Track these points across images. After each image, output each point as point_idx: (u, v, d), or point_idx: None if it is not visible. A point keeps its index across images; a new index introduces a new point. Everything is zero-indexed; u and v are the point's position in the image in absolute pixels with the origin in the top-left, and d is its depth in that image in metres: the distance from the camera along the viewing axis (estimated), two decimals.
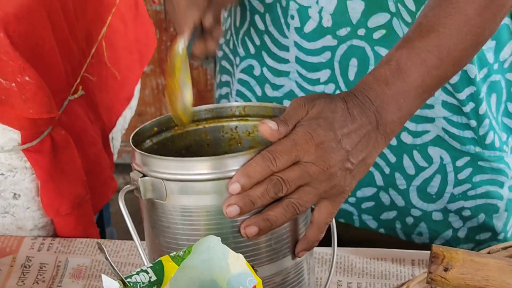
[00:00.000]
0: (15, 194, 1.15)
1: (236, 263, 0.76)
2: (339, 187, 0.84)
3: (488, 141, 1.13)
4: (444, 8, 0.90)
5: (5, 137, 1.10)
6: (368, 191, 1.17)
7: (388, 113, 0.86)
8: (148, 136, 0.94)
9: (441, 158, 1.13)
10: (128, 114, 1.58)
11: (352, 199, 1.17)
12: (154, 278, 0.76)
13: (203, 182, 0.82)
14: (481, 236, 1.18)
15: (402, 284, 0.93)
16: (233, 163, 0.82)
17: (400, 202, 1.16)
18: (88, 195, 1.20)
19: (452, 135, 1.12)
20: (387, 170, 1.15)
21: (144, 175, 0.85)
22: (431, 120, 1.11)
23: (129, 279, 0.75)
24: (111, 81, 1.42)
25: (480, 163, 1.13)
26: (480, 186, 1.15)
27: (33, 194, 1.15)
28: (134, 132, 0.91)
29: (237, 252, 0.76)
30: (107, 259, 0.73)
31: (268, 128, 0.82)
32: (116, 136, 1.53)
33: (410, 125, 1.12)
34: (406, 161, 1.13)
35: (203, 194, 0.83)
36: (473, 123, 1.11)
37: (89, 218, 1.20)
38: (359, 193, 1.17)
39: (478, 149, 1.12)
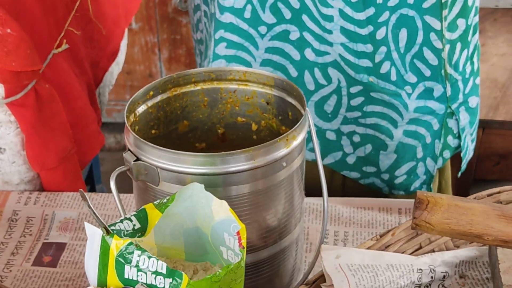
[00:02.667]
0: (0, 148, 1.14)
1: (220, 210, 0.76)
2: None
3: (383, 70, 1.12)
4: None
5: None
6: None
7: None
8: (144, 101, 0.93)
9: (338, 80, 1.14)
10: (115, 69, 1.56)
11: None
12: (138, 225, 0.76)
13: (197, 176, 0.82)
14: (367, 168, 1.21)
15: (388, 231, 0.93)
16: (229, 160, 0.82)
17: None
18: (74, 148, 1.19)
19: (348, 62, 1.12)
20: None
21: (138, 159, 0.85)
22: (330, 43, 1.11)
23: (112, 227, 0.75)
24: (96, 36, 1.40)
25: (372, 94, 1.14)
26: (370, 116, 1.16)
27: (19, 148, 1.15)
28: (129, 101, 0.90)
29: None
30: (89, 207, 0.73)
31: None
32: (103, 92, 1.52)
33: (314, 43, 1.12)
34: (307, 77, 1.15)
35: None
36: (370, 47, 1.11)
37: (76, 172, 1.20)
38: None
39: (371, 78, 1.12)
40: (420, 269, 0.89)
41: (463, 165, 1.30)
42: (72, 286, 1.00)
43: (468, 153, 1.28)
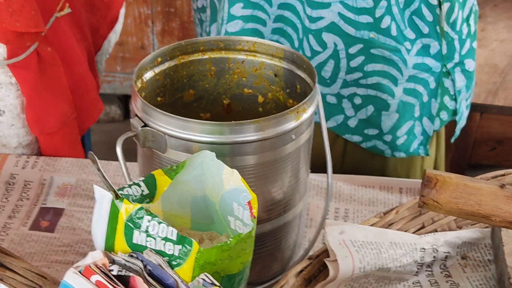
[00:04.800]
0: None
1: (230, 179, 0.75)
2: None
3: (383, 25, 1.12)
4: None
5: None
6: None
7: None
8: (151, 67, 0.92)
9: (334, 44, 1.13)
10: (112, 38, 1.54)
11: None
12: (146, 191, 0.75)
13: (205, 144, 0.81)
14: (369, 131, 1.21)
15: (392, 209, 0.93)
16: (238, 130, 0.81)
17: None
18: (74, 114, 1.18)
19: (348, 19, 1.11)
20: (296, 43, 1.15)
21: (146, 125, 0.83)
22: (326, 5, 1.11)
23: (120, 191, 0.73)
24: (98, 2, 1.38)
25: (372, 50, 1.14)
26: (371, 76, 1.16)
27: (18, 111, 1.13)
28: (137, 68, 0.88)
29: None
30: (99, 170, 0.71)
31: None
32: (101, 60, 1.50)
33: (307, 10, 1.12)
34: (305, 44, 1.14)
35: None
36: (370, 2, 1.10)
37: (75, 138, 1.18)
38: None
39: (372, 34, 1.12)
40: (423, 248, 0.89)
41: (457, 131, 1.31)
42: (69, 252, 0.99)
43: (462, 120, 1.30)
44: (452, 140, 1.35)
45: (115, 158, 0.99)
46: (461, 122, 1.30)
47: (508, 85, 1.79)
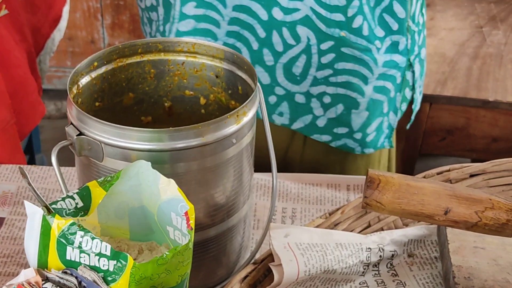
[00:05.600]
0: None
1: (167, 189, 0.74)
2: None
3: (355, 25, 1.11)
4: None
5: None
6: None
7: None
8: (87, 72, 0.89)
9: (308, 38, 1.12)
10: (57, 36, 1.51)
11: None
12: (80, 204, 0.73)
13: (143, 152, 0.78)
14: (338, 130, 1.20)
15: (337, 209, 0.92)
16: (177, 136, 0.79)
17: (265, 79, 1.15)
18: (13, 119, 1.15)
19: (319, 15, 1.10)
20: (255, 45, 1.13)
21: (81, 133, 0.81)
22: None
23: (54, 205, 0.71)
24: (38, 1, 1.35)
25: (343, 49, 1.13)
26: (341, 74, 1.15)
27: None
28: (72, 72, 0.86)
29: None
30: (30, 184, 0.69)
31: None
32: (44, 59, 1.47)
33: (282, 1, 1.10)
34: (275, 37, 1.12)
35: None
36: (342, 1, 1.09)
37: (15, 144, 1.15)
38: None
39: (343, 33, 1.11)
40: (369, 248, 0.88)
41: (412, 117, 1.32)
42: (10, 263, 0.96)
43: (417, 105, 1.31)
44: (408, 126, 1.36)
45: (68, 161, 0.97)
46: (416, 108, 1.32)
47: (457, 74, 1.79)
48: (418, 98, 1.30)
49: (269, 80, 1.15)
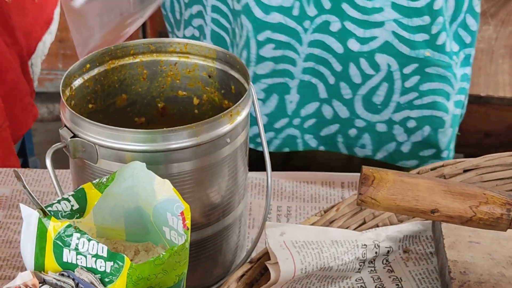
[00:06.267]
0: None
1: (163, 189, 0.74)
2: None
3: (439, 41, 1.11)
4: None
5: None
6: (310, 108, 1.14)
7: None
8: (80, 74, 0.89)
9: (388, 65, 1.11)
10: (48, 39, 1.51)
11: (296, 121, 1.15)
12: (76, 206, 0.73)
13: (137, 153, 0.78)
14: (425, 153, 1.18)
15: (332, 207, 0.92)
16: (171, 136, 0.79)
17: (344, 113, 1.14)
18: (6, 122, 1.15)
19: (402, 39, 1.09)
20: (331, 80, 1.12)
21: (75, 135, 0.81)
22: (380, 24, 1.08)
23: (49, 208, 0.71)
24: (29, 4, 1.35)
25: (427, 70, 1.12)
26: (427, 95, 1.14)
27: None
28: (64, 75, 0.86)
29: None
30: (25, 187, 0.69)
31: None
32: (36, 62, 1.47)
33: (358, 31, 1.08)
34: (353, 70, 1.11)
35: None
36: (427, 19, 1.08)
37: (8, 147, 1.15)
38: (303, 112, 1.14)
39: (428, 53, 1.10)
40: (364, 245, 0.89)
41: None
42: (6, 266, 0.96)
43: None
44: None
45: (62, 163, 0.97)
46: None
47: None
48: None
49: (348, 113, 1.14)
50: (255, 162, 1.02)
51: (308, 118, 1.14)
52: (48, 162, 0.80)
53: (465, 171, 0.96)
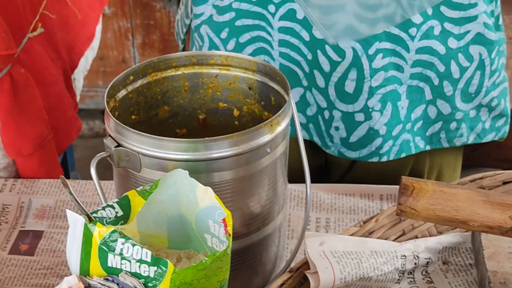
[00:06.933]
0: None
1: (205, 196, 0.75)
2: None
3: (500, 21, 1.18)
4: None
5: None
6: (419, 110, 1.18)
7: None
8: (124, 85, 0.91)
9: (479, 54, 1.15)
10: (90, 55, 1.54)
11: (408, 125, 1.18)
12: (120, 213, 0.75)
13: (180, 162, 0.80)
14: (499, 123, 1.23)
15: (371, 218, 0.93)
16: (212, 146, 0.80)
17: (446, 110, 1.18)
18: (50, 134, 1.17)
19: (489, 26, 1.14)
20: (436, 81, 1.16)
21: (119, 145, 0.83)
22: (473, 18, 1.13)
23: (94, 214, 0.73)
24: (72, 20, 1.38)
25: (500, 48, 1.18)
26: (500, 71, 1.20)
27: None
28: (109, 86, 0.88)
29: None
30: (71, 193, 0.71)
31: None
32: (78, 77, 1.50)
33: (454, 29, 1.13)
34: (453, 67, 1.15)
35: None
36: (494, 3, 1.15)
37: (53, 159, 1.17)
38: (413, 116, 1.18)
39: (500, 34, 1.17)
40: (403, 256, 0.89)
41: None
42: (50, 275, 0.98)
43: None
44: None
45: (104, 175, 0.99)
46: None
47: None
48: None
49: (450, 109, 1.18)
50: (293, 174, 1.03)
51: (417, 121, 1.19)
52: (92, 171, 0.82)
53: (505, 183, 0.96)
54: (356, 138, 1.16)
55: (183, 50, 1.33)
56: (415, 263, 0.89)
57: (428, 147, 1.21)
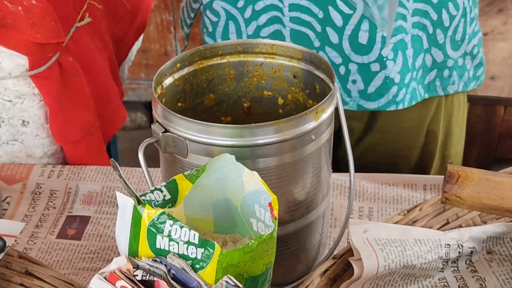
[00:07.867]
0: (23, 121, 1.14)
1: (251, 181, 0.76)
2: None
3: None
4: None
5: (13, 63, 1.08)
6: (420, 59, 1.21)
7: None
8: (170, 73, 0.93)
9: (463, 2, 1.19)
10: (134, 46, 1.56)
11: (414, 74, 1.21)
12: (168, 196, 0.76)
13: (225, 148, 0.81)
14: (478, 72, 1.28)
15: (416, 206, 0.93)
16: (257, 132, 0.81)
17: (440, 57, 1.22)
18: (97, 122, 1.19)
19: None
20: (430, 29, 1.19)
21: (166, 131, 0.84)
22: None
23: (143, 197, 0.74)
24: (120, 10, 1.40)
25: None
26: (476, 19, 1.24)
27: (42, 121, 1.14)
28: (156, 74, 0.89)
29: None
30: (121, 176, 0.72)
31: None
32: (123, 68, 1.52)
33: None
34: (445, 15, 1.19)
35: None
36: None
37: (99, 146, 1.19)
38: (416, 64, 1.21)
39: None
40: (447, 244, 0.89)
41: None
42: (96, 259, 1.00)
43: None
44: None
45: (149, 163, 1.00)
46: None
47: None
48: None
49: (443, 57, 1.23)
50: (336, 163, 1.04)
51: (419, 70, 1.22)
52: (140, 156, 0.83)
53: None
54: (374, 89, 1.19)
55: (188, 35, 1.37)
56: (459, 252, 0.89)
57: (426, 95, 1.24)
